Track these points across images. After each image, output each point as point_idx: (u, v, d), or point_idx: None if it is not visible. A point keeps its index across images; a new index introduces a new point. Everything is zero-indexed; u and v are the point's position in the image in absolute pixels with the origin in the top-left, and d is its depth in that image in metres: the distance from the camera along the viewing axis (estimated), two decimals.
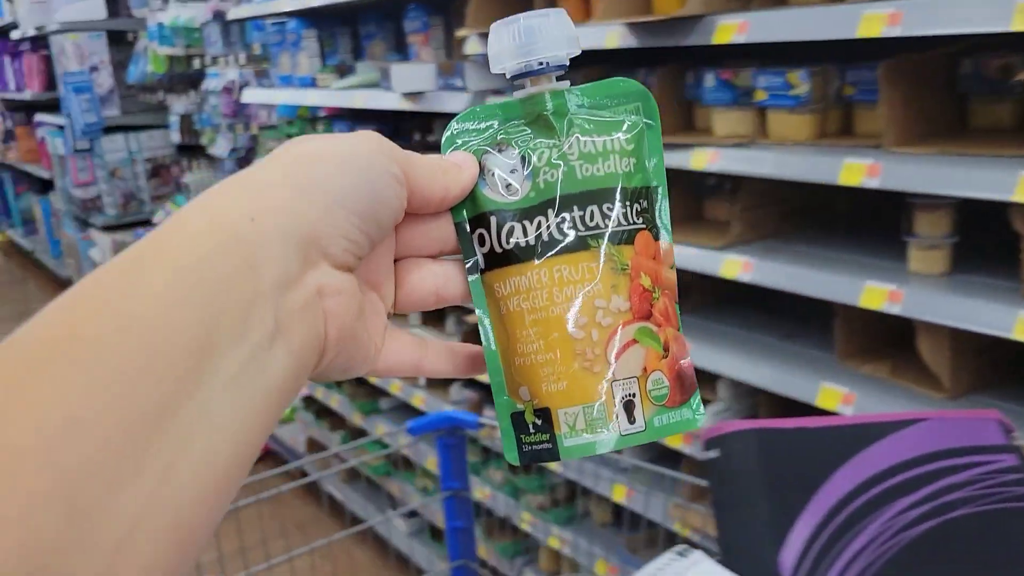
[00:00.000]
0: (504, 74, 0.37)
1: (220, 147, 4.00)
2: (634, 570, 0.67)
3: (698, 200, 1.76)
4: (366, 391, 2.79)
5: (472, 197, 0.37)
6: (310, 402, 3.06)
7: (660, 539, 1.58)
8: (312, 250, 0.29)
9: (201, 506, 0.25)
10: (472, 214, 0.37)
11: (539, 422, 0.36)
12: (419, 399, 2.44)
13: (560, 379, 0.35)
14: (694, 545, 0.71)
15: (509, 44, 0.36)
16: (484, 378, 0.37)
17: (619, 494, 1.79)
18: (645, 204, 0.37)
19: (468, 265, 0.37)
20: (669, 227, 0.38)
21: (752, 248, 1.54)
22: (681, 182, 1.73)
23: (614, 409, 0.35)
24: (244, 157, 3.93)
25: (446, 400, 2.35)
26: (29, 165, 6.15)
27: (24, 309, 5.90)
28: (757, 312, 1.76)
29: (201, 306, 0.26)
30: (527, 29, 0.36)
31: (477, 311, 0.37)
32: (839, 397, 1.36)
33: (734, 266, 1.48)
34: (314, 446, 3.04)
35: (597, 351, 0.35)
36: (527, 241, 0.36)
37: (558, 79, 0.37)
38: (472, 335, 2.11)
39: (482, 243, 0.37)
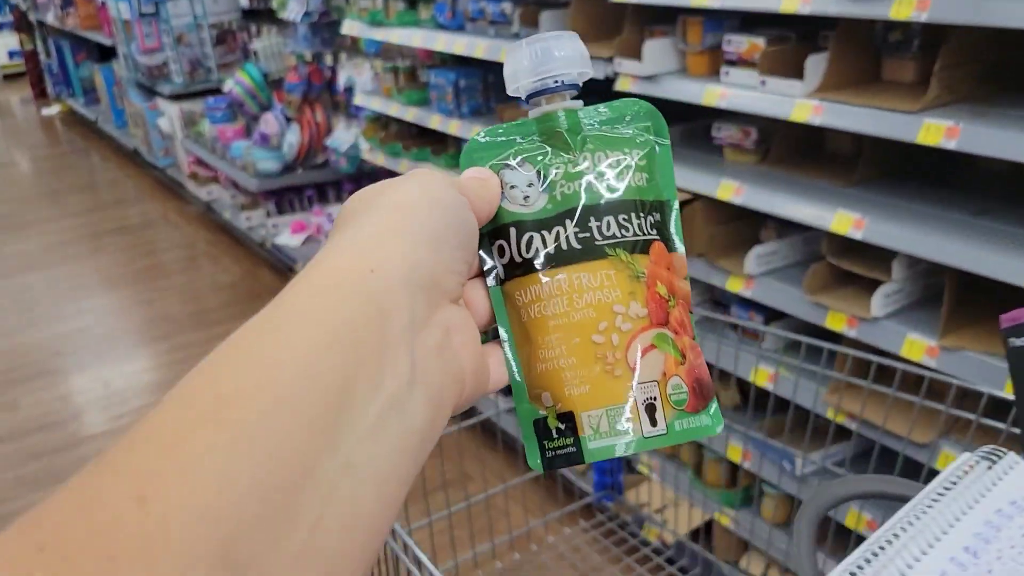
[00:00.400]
0: (520, 94, 0.40)
1: (292, 10, 3.80)
2: (773, 455, 0.54)
3: (876, 59, 1.58)
4: None
5: None
6: None
7: (808, 424, 1.49)
8: (435, 292, 0.31)
9: (350, 554, 0.25)
10: (491, 227, 0.39)
11: (562, 427, 0.37)
12: None
13: (583, 383, 0.37)
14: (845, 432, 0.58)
15: (525, 64, 0.39)
16: None
17: (762, 378, 1.69)
18: (658, 216, 0.39)
19: (488, 274, 0.39)
20: (681, 240, 0.40)
21: (954, 111, 1.36)
22: (857, 38, 1.54)
23: (639, 412, 0.36)
24: (318, 22, 3.73)
25: None
26: (89, 32, 6.00)
27: (90, 181, 5.88)
28: (937, 186, 1.60)
29: (335, 359, 0.26)
30: (543, 50, 0.38)
31: (497, 319, 0.39)
32: None
33: (936, 131, 1.32)
34: None
35: (618, 355, 0.37)
36: (546, 251, 0.38)
37: (572, 98, 0.40)
38: None
39: (502, 254, 0.38)
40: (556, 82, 0.39)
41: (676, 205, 0.40)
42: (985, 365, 1.38)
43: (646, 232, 0.38)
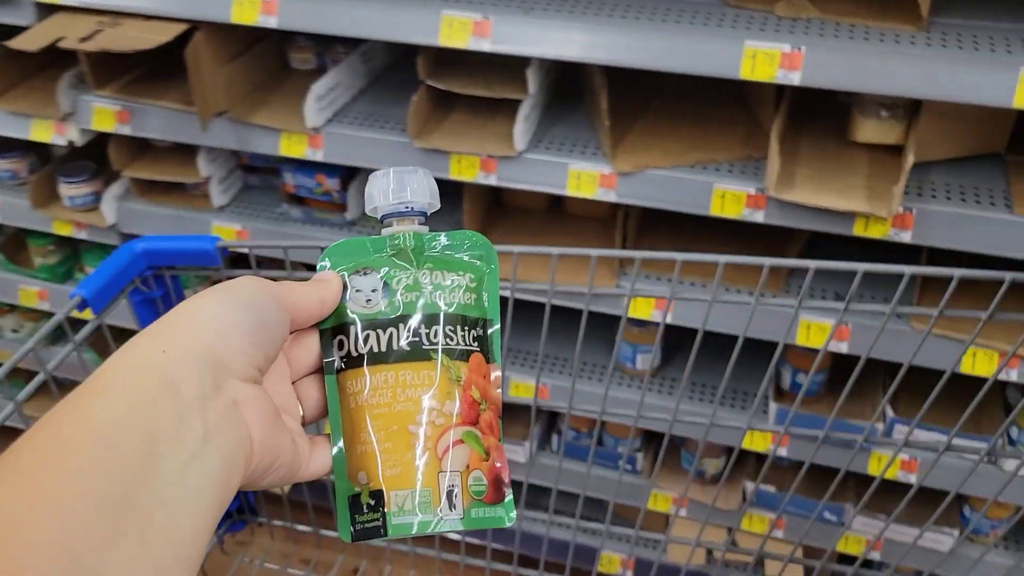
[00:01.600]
0: (375, 214, 0.46)
1: None
2: None
3: None
4: None
5: (336, 310, 0.43)
6: None
7: None
8: (219, 369, 0.36)
9: (172, 564, 0.31)
10: (335, 323, 0.44)
11: (372, 503, 0.41)
12: None
13: (396, 466, 0.41)
14: None
15: (383, 190, 0.45)
16: None
17: None
18: (480, 332, 0.45)
19: (326, 365, 0.43)
20: (499, 355, 0.46)
21: None
22: None
23: (440, 496, 0.41)
24: None
25: None
26: None
27: None
28: None
29: (137, 421, 0.32)
30: (398, 180, 0.45)
31: (329, 406, 0.43)
32: None
33: None
34: None
35: (429, 445, 0.42)
36: (379, 348, 0.43)
37: (419, 224, 0.46)
38: None
39: (341, 348, 0.43)
40: (407, 208, 0.45)
41: (497, 325, 0.46)
42: (677, 183, 1.10)
43: (468, 343, 0.44)
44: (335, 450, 0.43)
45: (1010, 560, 1.39)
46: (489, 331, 0.46)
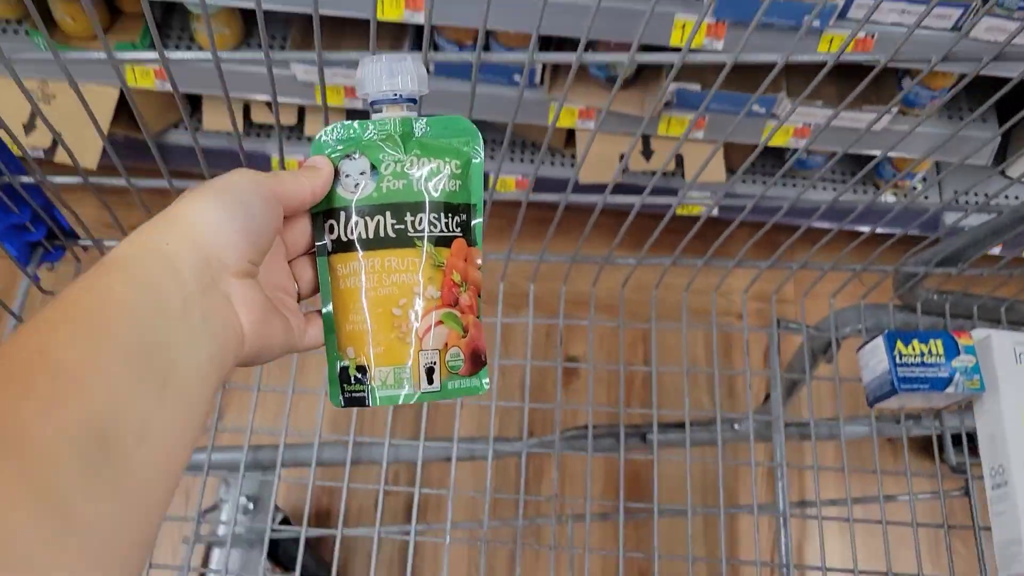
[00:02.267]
0: (366, 98, 0.47)
1: None
2: None
3: None
4: None
5: (328, 194, 0.45)
6: None
7: None
8: (215, 264, 0.38)
9: (188, 421, 0.35)
10: (325, 207, 0.45)
11: (359, 376, 0.45)
12: None
13: (379, 344, 0.45)
14: None
15: (373, 75, 0.46)
16: None
17: None
18: (464, 217, 0.47)
19: (318, 247, 0.46)
20: (481, 237, 0.48)
21: None
22: None
23: (419, 372, 0.45)
24: None
25: None
26: None
27: None
28: None
29: (151, 296, 0.35)
30: (388, 66, 0.46)
31: (320, 285, 0.46)
32: None
33: None
34: None
35: (410, 327, 0.45)
36: (367, 234, 0.45)
37: (408, 109, 0.46)
38: None
39: (331, 232, 0.45)
40: (396, 95, 0.46)
41: (480, 209, 0.47)
42: None
43: (451, 230, 0.46)
44: (326, 320, 0.46)
45: (946, 130, 1.29)
46: (472, 216, 0.48)
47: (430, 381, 0.45)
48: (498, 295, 0.84)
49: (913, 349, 0.75)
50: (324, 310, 0.46)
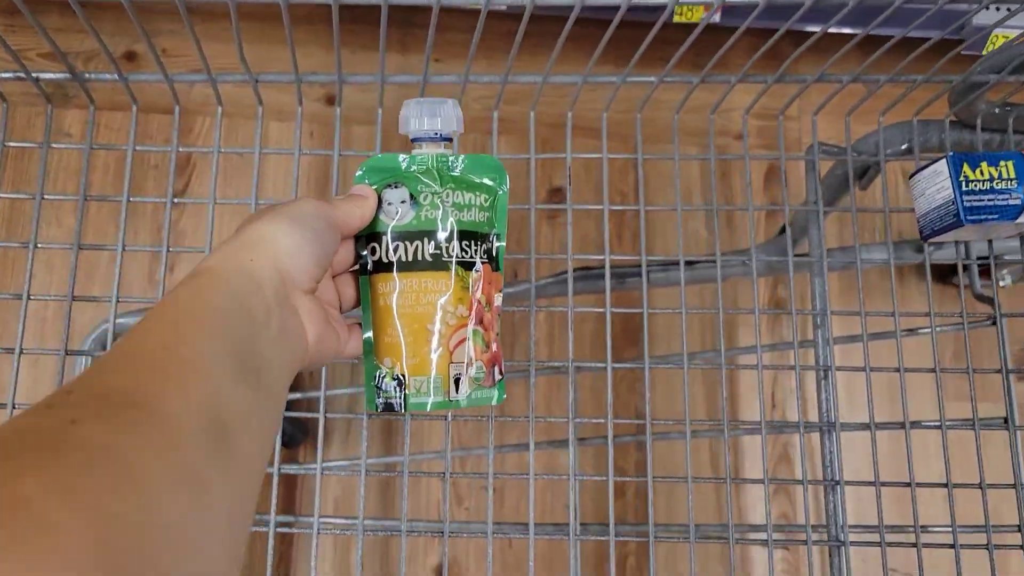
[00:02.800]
0: (408, 135, 0.53)
1: None
2: None
3: None
4: None
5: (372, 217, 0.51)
6: None
7: None
8: (289, 282, 0.43)
9: (279, 404, 0.40)
10: (368, 231, 0.51)
11: (395, 384, 0.50)
12: None
13: (415, 356, 0.50)
14: None
15: (416, 116, 0.53)
16: None
17: None
18: (490, 246, 0.53)
19: (361, 267, 0.51)
20: (503, 264, 0.54)
21: None
22: None
23: (448, 382, 0.50)
24: None
25: None
26: None
27: None
28: None
29: (241, 305, 0.39)
30: (429, 108, 0.53)
31: (361, 302, 0.51)
32: None
33: None
34: None
35: (443, 341, 0.50)
36: (406, 257, 0.51)
37: (445, 147, 0.53)
38: None
39: (373, 253, 0.51)
40: (435, 134, 0.52)
41: (504, 241, 0.54)
42: None
43: (480, 256, 0.52)
44: (365, 336, 0.51)
45: None
46: (496, 245, 0.53)
47: (457, 390, 0.51)
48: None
49: (981, 173, 0.63)
50: (364, 327, 0.51)
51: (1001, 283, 1.22)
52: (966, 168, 0.64)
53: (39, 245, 0.66)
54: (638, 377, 1.20)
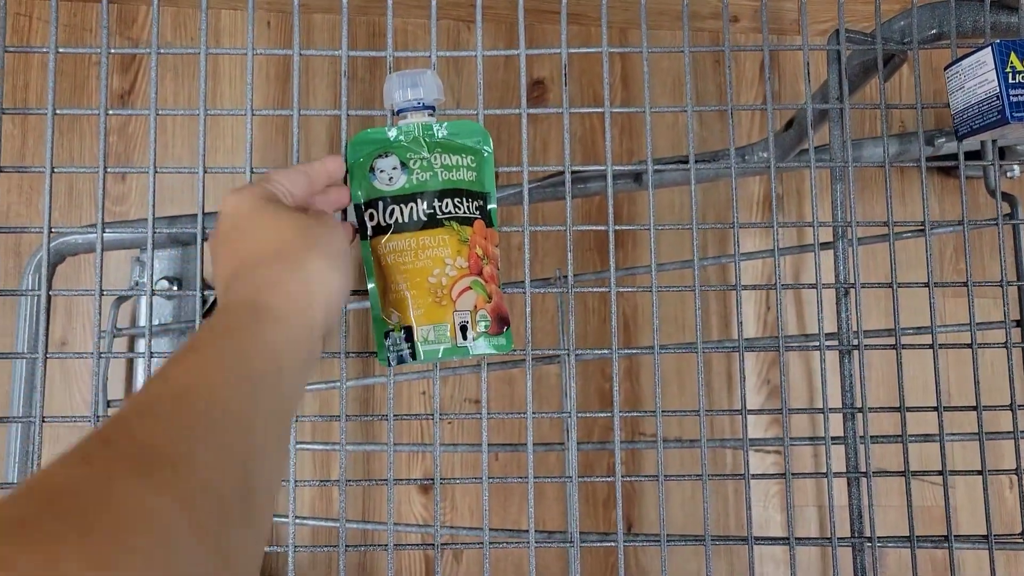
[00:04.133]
0: (393, 107, 0.57)
1: None
2: None
3: None
4: None
5: (367, 187, 0.55)
6: None
7: None
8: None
9: (296, 390, 0.41)
10: (365, 198, 0.55)
11: (404, 335, 0.54)
12: None
13: (419, 308, 0.53)
14: None
15: (398, 88, 0.56)
16: None
17: None
18: (481, 203, 0.56)
19: (360, 232, 0.55)
20: (496, 220, 0.57)
21: None
22: None
23: (455, 329, 0.54)
24: None
25: None
26: None
27: None
28: None
29: (296, 347, 0.41)
30: (411, 79, 0.56)
31: (364, 265, 0.55)
32: None
33: None
34: None
35: (444, 292, 0.53)
36: (403, 218, 0.54)
37: (428, 115, 0.56)
38: None
39: (371, 219, 0.55)
40: (417, 103, 0.56)
41: (493, 197, 0.57)
42: None
43: (472, 212, 0.55)
44: (370, 292, 0.55)
45: None
46: (488, 202, 0.57)
47: (464, 337, 0.54)
48: (430, 11, 0.62)
49: None
50: (369, 286, 0.55)
51: (1008, 175, 1.17)
52: (1013, 58, 0.56)
53: None
54: (627, 297, 1.14)
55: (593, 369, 1.14)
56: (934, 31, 0.68)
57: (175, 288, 0.92)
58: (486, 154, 0.57)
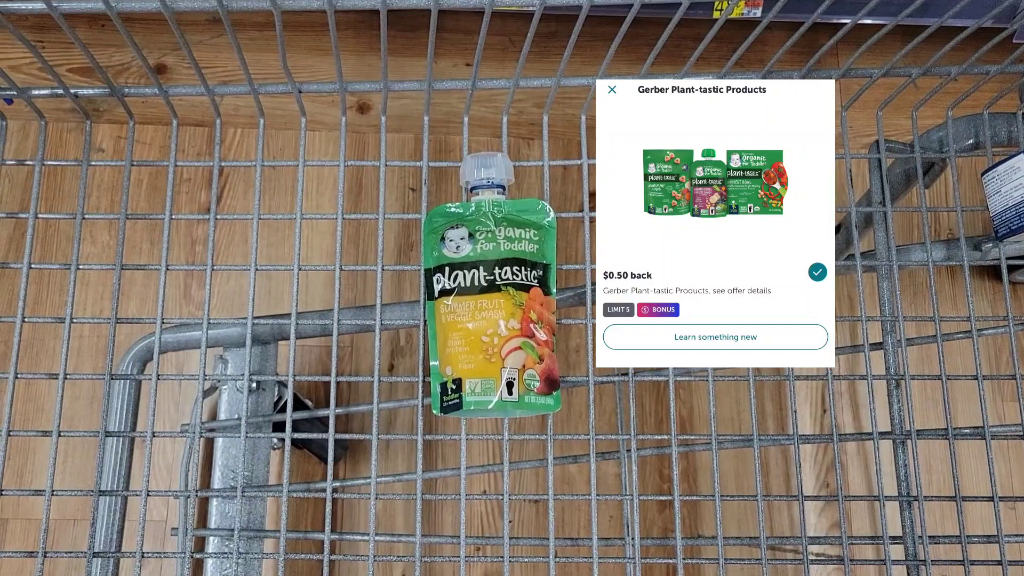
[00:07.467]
0: (467, 184, 0.64)
1: None
2: None
3: None
4: None
5: (437, 254, 0.61)
6: None
7: None
8: None
9: None
10: (434, 264, 0.61)
11: (454, 387, 0.58)
12: None
13: (470, 363, 0.58)
14: None
15: (473, 167, 0.63)
16: None
17: None
18: (540, 273, 0.61)
19: (427, 293, 0.61)
20: (554, 289, 0.62)
21: None
22: None
23: (501, 384, 0.58)
24: None
25: None
26: None
27: None
28: None
29: None
30: (485, 161, 0.63)
31: (427, 320, 0.62)
32: None
33: None
34: None
35: (495, 350, 0.58)
36: (465, 283, 0.60)
37: (498, 193, 0.63)
38: None
39: (438, 282, 0.60)
40: (488, 182, 0.62)
41: (553, 267, 0.62)
42: None
43: (530, 280, 0.60)
44: (430, 347, 0.61)
45: None
46: (548, 271, 0.62)
47: (510, 392, 0.57)
48: (502, 130, 0.69)
49: None
50: (430, 346, 0.61)
51: None
52: None
53: (80, 266, 0.64)
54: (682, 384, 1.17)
55: (651, 468, 1.16)
56: (971, 141, 0.73)
57: (254, 386, 0.98)
58: (547, 225, 0.62)
